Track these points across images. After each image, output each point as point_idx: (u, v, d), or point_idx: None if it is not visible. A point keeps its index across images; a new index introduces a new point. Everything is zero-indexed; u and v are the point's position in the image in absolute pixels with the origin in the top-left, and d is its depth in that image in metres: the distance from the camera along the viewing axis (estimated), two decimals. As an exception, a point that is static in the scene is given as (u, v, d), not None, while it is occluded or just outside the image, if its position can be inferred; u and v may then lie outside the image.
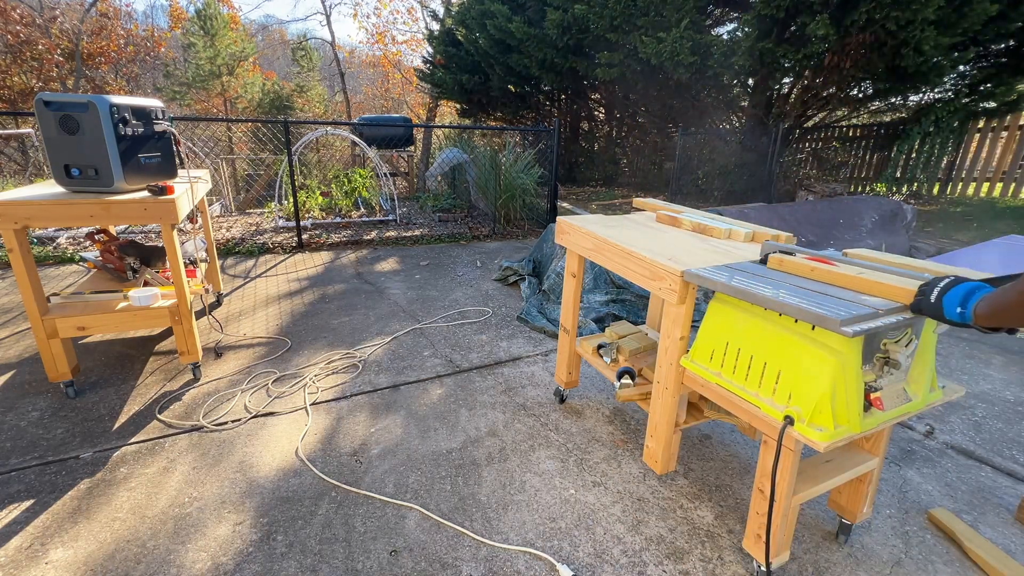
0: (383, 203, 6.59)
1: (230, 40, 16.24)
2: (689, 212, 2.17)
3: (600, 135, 11.90)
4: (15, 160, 10.31)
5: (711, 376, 1.50)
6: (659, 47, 6.82)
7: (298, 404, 2.30)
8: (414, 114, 20.45)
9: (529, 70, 9.39)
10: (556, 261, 3.80)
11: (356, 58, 26.52)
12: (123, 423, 2.12)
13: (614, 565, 1.54)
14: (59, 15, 13.72)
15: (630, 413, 2.33)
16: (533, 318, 3.29)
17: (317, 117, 18.73)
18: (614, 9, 7.33)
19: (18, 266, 2.06)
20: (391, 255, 4.83)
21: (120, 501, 1.71)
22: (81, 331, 2.23)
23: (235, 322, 3.17)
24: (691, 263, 1.53)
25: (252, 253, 4.75)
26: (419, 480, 1.86)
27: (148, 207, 2.13)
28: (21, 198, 2.01)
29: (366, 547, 1.56)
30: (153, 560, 1.50)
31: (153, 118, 2.36)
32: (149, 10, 31.64)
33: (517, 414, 2.29)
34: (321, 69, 21.29)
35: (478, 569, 1.51)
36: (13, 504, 1.68)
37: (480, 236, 5.69)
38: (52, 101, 2.02)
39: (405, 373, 2.61)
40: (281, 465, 1.91)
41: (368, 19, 33.02)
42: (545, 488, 1.84)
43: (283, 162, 5.59)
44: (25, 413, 2.16)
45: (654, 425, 1.77)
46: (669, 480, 1.90)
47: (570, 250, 2.12)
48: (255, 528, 1.62)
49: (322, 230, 5.57)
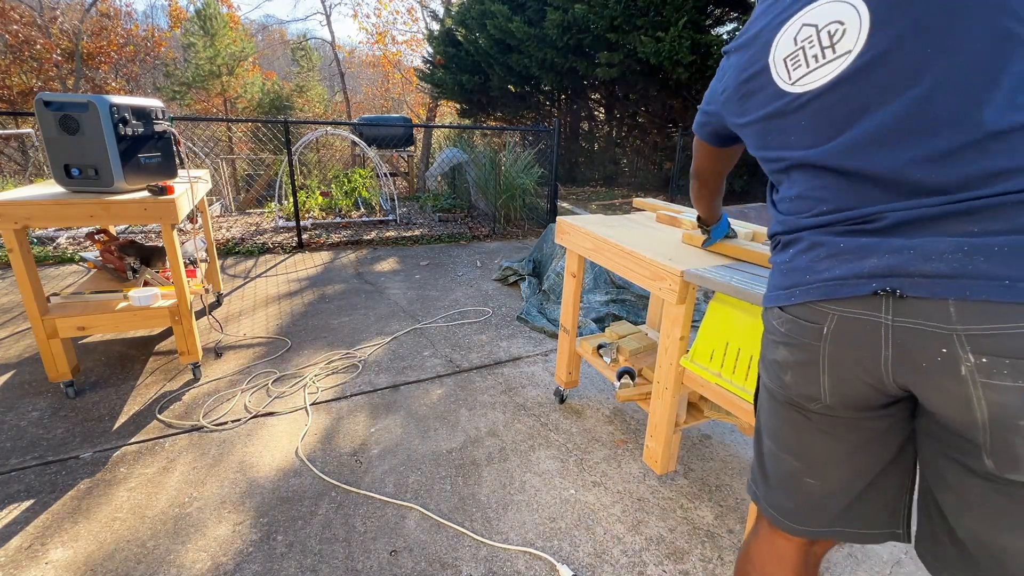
0: (383, 203, 6.59)
1: (230, 40, 16.23)
2: (689, 212, 2.17)
3: (600, 135, 11.90)
4: (15, 160, 10.31)
5: (711, 376, 1.50)
6: (658, 47, 6.82)
7: (298, 404, 2.30)
8: (414, 114, 20.45)
9: (529, 70, 9.39)
10: (556, 261, 3.80)
11: (356, 58, 26.53)
12: (123, 423, 2.12)
13: (614, 565, 1.54)
14: (59, 15, 13.72)
15: (630, 413, 2.33)
16: (533, 318, 3.29)
17: (317, 117, 18.73)
18: (614, 9, 7.33)
19: (18, 266, 2.06)
20: (391, 255, 4.84)
21: (120, 501, 1.71)
22: (81, 331, 2.23)
23: (235, 322, 3.17)
24: (691, 263, 1.53)
25: (252, 253, 4.75)
26: (419, 480, 1.86)
27: (148, 207, 2.13)
28: (21, 198, 2.01)
29: (366, 547, 1.57)
30: (153, 560, 1.50)
31: (153, 118, 2.36)
32: (149, 10, 31.63)
33: (517, 414, 2.29)
34: (321, 69, 21.31)
35: (478, 569, 1.51)
36: (13, 504, 1.68)
37: (480, 236, 5.69)
38: (52, 101, 2.02)
39: (405, 373, 2.61)
40: (281, 465, 1.91)
41: (368, 19, 33.03)
42: (545, 488, 1.84)
43: (283, 162, 5.59)
44: (25, 413, 2.16)
45: (654, 425, 1.77)
46: (669, 480, 1.90)
47: (570, 250, 2.12)
48: (255, 528, 1.62)
49: (322, 230, 5.57)
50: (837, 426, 0.82)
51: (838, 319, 0.74)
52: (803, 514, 0.88)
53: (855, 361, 0.75)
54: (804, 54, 0.80)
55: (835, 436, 0.83)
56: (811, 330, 0.78)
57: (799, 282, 0.79)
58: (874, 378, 0.74)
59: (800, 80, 0.81)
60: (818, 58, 0.78)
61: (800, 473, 0.87)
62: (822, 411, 0.82)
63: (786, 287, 0.82)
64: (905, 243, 0.69)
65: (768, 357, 0.88)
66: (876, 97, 0.73)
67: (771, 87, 0.85)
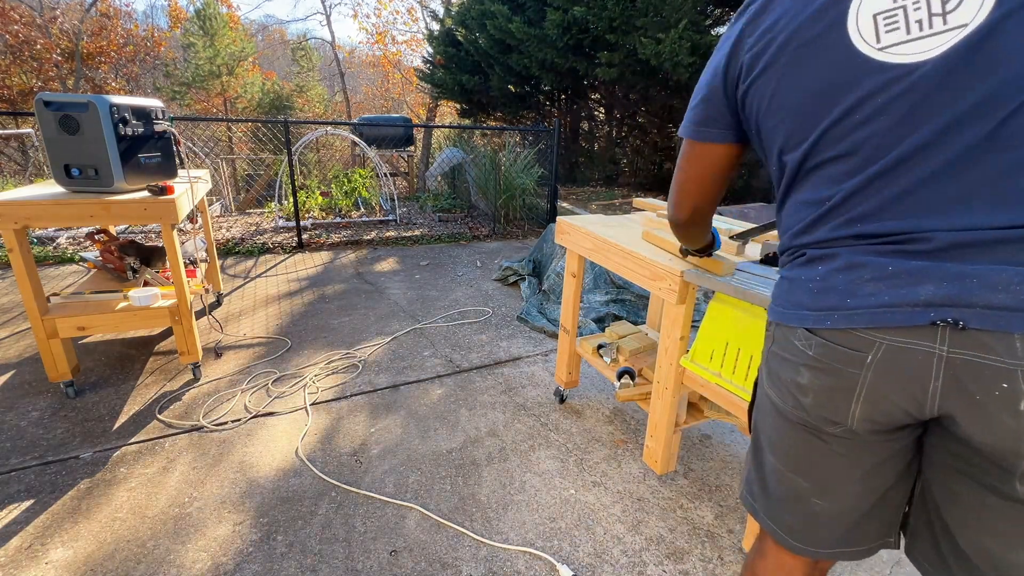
0: (383, 203, 6.59)
1: (230, 40, 16.24)
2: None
3: (600, 135, 11.90)
4: (15, 160, 10.32)
5: (711, 376, 1.50)
6: (658, 48, 6.82)
7: (298, 404, 2.30)
8: (414, 114, 20.45)
9: (529, 70, 9.38)
10: (556, 261, 3.80)
11: (356, 58, 26.53)
12: (123, 423, 2.12)
13: (614, 565, 1.54)
14: (59, 15, 13.72)
15: (630, 413, 2.33)
16: (533, 318, 3.29)
17: (317, 117, 18.74)
18: (613, 10, 7.33)
19: (18, 266, 2.06)
20: (391, 255, 4.84)
21: (120, 501, 1.71)
22: (81, 331, 2.23)
23: (235, 322, 3.17)
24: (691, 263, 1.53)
25: (252, 253, 4.75)
26: (419, 480, 1.86)
27: (148, 207, 2.13)
28: (21, 198, 2.01)
29: (366, 547, 1.57)
30: (153, 560, 1.50)
31: (153, 118, 2.36)
32: (149, 10, 31.62)
33: (517, 414, 2.29)
34: (321, 69, 21.32)
35: (478, 569, 1.51)
36: (13, 504, 1.68)
37: (480, 236, 5.69)
38: (52, 101, 2.02)
39: (405, 373, 2.61)
40: (281, 465, 1.91)
41: (368, 19, 33.05)
42: (545, 488, 1.84)
43: (283, 162, 5.59)
44: (25, 413, 2.16)
45: (654, 425, 1.77)
46: (669, 480, 1.90)
47: (570, 250, 2.12)
48: (255, 528, 1.62)
49: (322, 230, 5.57)
50: (855, 448, 0.77)
51: (885, 348, 0.67)
52: (808, 534, 0.85)
53: (898, 390, 0.69)
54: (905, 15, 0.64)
55: (851, 458, 0.78)
56: (851, 357, 0.70)
57: (838, 305, 0.71)
58: (914, 406, 0.69)
59: (892, 48, 0.65)
60: (923, 25, 0.63)
61: (808, 494, 0.83)
62: (841, 435, 0.77)
63: (819, 308, 0.73)
64: (962, 270, 0.63)
65: (782, 376, 0.81)
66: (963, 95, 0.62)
67: (843, 48, 0.68)
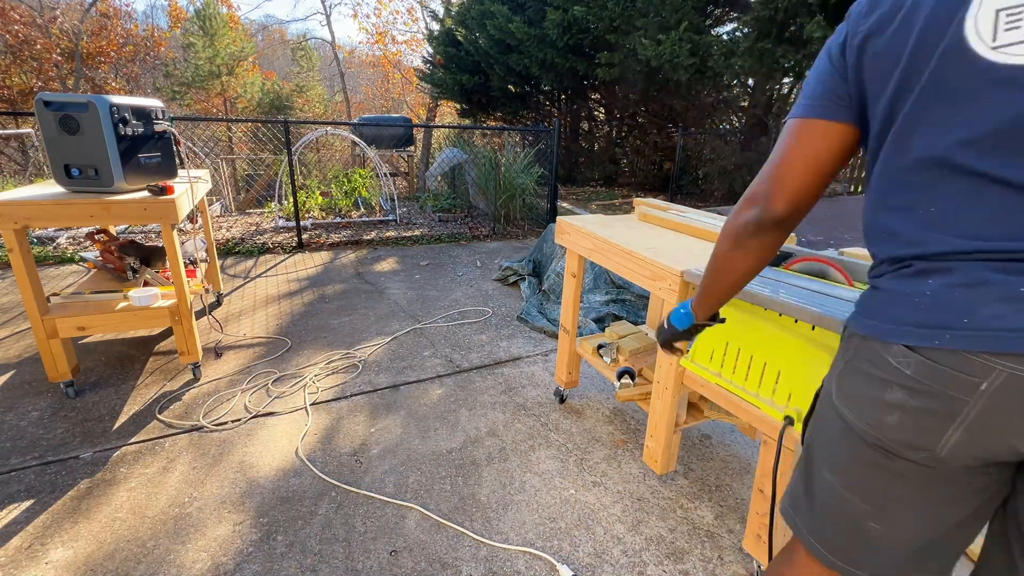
0: (383, 203, 6.59)
1: (229, 40, 16.25)
2: (690, 212, 2.17)
3: (600, 135, 11.91)
4: (15, 160, 10.32)
5: (711, 376, 1.50)
6: (659, 49, 6.82)
7: (298, 404, 2.30)
8: (414, 114, 20.46)
9: (529, 70, 9.38)
10: (556, 261, 3.80)
11: (356, 58, 26.53)
12: (123, 423, 2.12)
13: (614, 565, 1.54)
14: (59, 15, 13.72)
15: (630, 413, 2.33)
16: (533, 318, 3.29)
17: (317, 117, 18.74)
18: (613, 11, 7.33)
19: (18, 266, 2.06)
20: (391, 255, 4.84)
21: (120, 501, 1.71)
22: (81, 331, 2.23)
23: (235, 322, 3.17)
24: (691, 263, 1.53)
25: (252, 253, 4.75)
26: (419, 480, 1.86)
27: (148, 207, 2.13)
28: (21, 198, 2.01)
29: (366, 547, 1.57)
30: (153, 560, 1.50)
31: (153, 118, 2.36)
32: (149, 10, 31.59)
33: (517, 414, 2.29)
34: (321, 69, 21.32)
35: (478, 569, 1.51)
36: (13, 504, 1.68)
37: (480, 236, 5.69)
38: (52, 101, 2.02)
39: (405, 373, 2.61)
40: (281, 465, 1.91)
41: (368, 19, 33.12)
42: (545, 488, 1.84)
43: (283, 162, 5.59)
44: (25, 413, 2.16)
45: (654, 425, 1.77)
46: (669, 480, 1.90)
47: (570, 250, 2.12)
48: (255, 528, 1.62)
49: (322, 230, 5.57)
50: (932, 478, 0.71)
51: (1007, 377, 0.61)
52: (851, 553, 0.80)
53: (1013, 424, 0.63)
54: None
55: (925, 487, 0.73)
56: (962, 382, 0.64)
57: (952, 324, 0.65)
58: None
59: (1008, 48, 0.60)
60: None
61: (865, 516, 0.78)
62: (923, 461, 0.70)
63: (927, 325, 0.67)
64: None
65: (863, 392, 0.75)
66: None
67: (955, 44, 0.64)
